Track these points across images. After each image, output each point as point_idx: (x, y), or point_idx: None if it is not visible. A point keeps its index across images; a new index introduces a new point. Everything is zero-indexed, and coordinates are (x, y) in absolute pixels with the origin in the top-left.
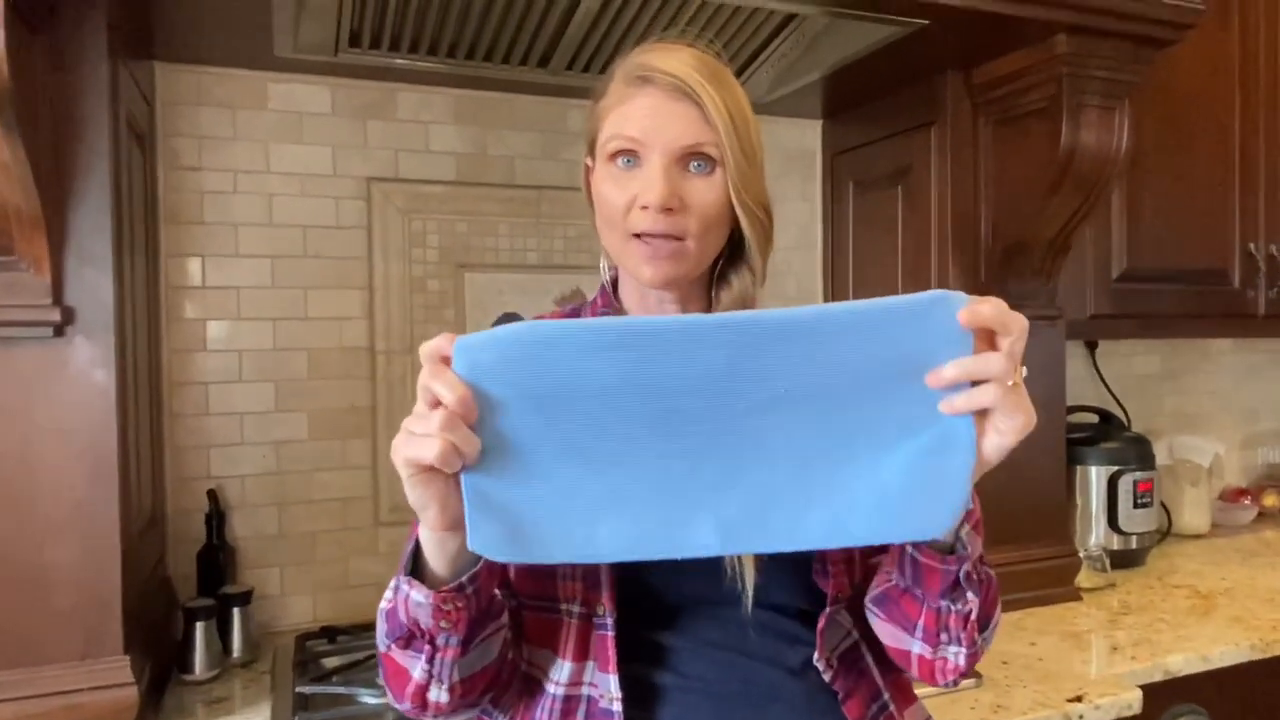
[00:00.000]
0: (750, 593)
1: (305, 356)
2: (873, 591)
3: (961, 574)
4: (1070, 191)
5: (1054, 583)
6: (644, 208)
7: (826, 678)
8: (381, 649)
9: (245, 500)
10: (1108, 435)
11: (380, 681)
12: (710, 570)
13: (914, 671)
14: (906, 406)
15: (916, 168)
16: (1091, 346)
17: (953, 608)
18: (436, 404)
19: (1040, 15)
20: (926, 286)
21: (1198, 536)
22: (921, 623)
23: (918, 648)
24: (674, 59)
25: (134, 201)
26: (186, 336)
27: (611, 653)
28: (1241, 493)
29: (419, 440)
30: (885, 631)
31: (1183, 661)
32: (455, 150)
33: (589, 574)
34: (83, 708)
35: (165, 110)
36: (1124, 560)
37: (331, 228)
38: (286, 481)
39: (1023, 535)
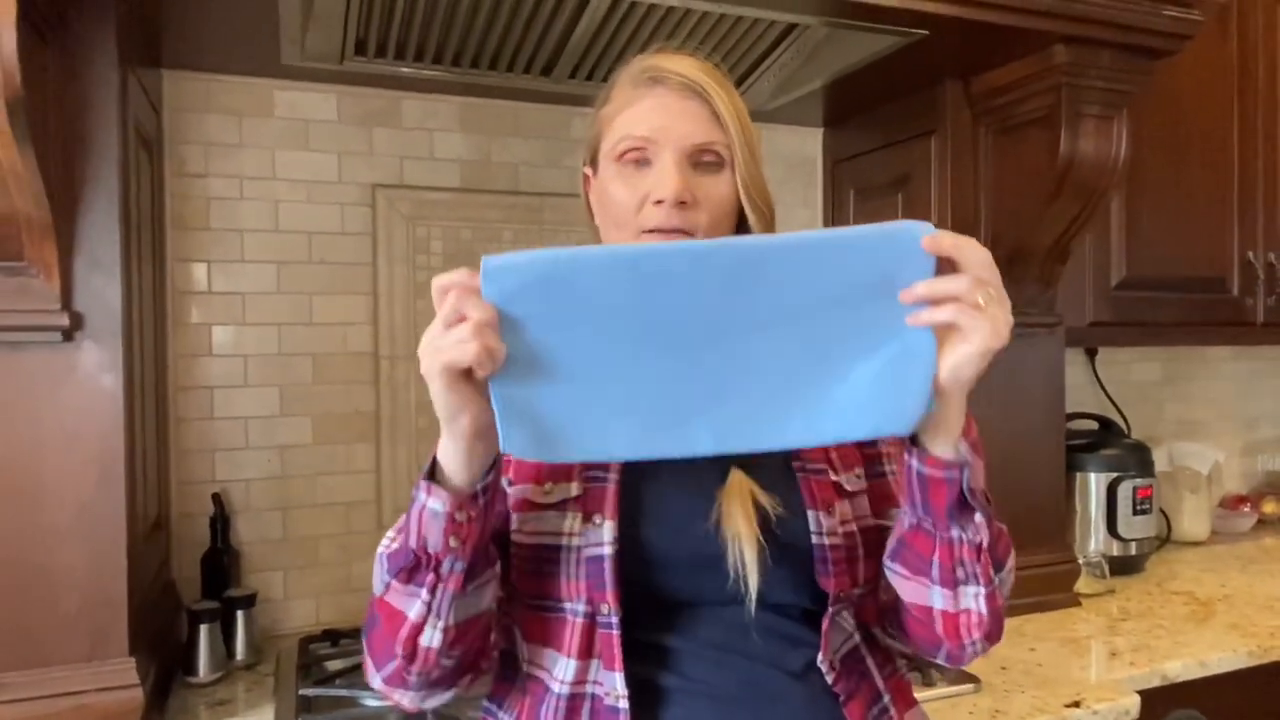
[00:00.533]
0: (754, 593)
1: (310, 361)
2: (889, 546)
3: (965, 484)
4: (1069, 200)
5: (1053, 589)
6: (658, 202)
7: (829, 679)
8: (378, 593)
9: (249, 504)
10: (1107, 442)
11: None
12: (713, 570)
13: (940, 631)
14: (875, 323)
15: (916, 176)
16: (1091, 354)
17: (964, 536)
18: (461, 320)
19: (1039, 26)
20: None
21: (1197, 543)
22: (936, 559)
23: (939, 600)
24: (681, 62)
25: (142, 208)
26: (192, 341)
27: (617, 651)
28: (1241, 500)
29: (455, 346)
30: (907, 589)
31: (1181, 667)
32: (460, 157)
33: (593, 573)
34: (89, 708)
35: (173, 117)
36: (1123, 567)
37: (337, 234)
38: (290, 486)
39: (1022, 541)
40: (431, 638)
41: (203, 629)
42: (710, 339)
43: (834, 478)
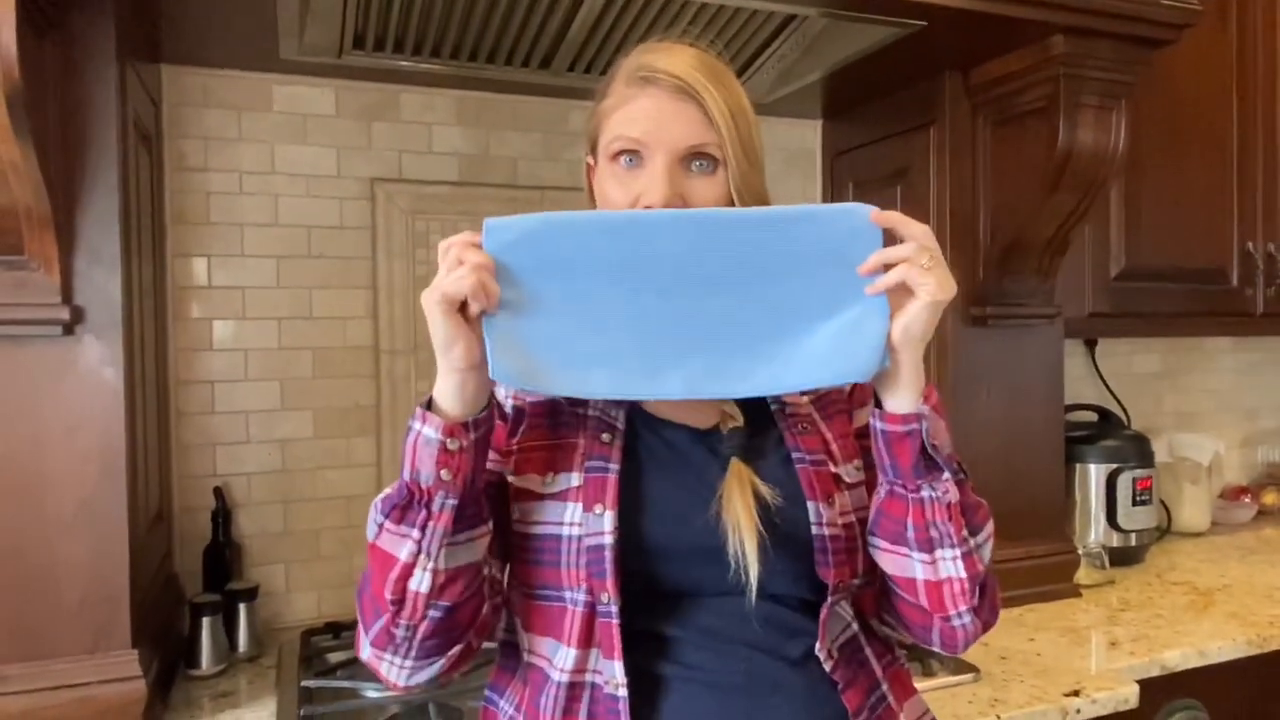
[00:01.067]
0: (754, 584)
1: (310, 356)
2: (869, 520)
3: (925, 439)
4: (1068, 191)
5: (1053, 580)
6: (647, 207)
7: (827, 668)
8: (371, 538)
9: (251, 498)
10: (1107, 433)
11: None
12: (713, 561)
13: (925, 602)
14: (831, 290)
15: (915, 168)
16: (1090, 345)
17: (934, 495)
18: (461, 265)
19: (1037, 16)
20: None
21: (1197, 534)
22: (909, 521)
23: (920, 570)
24: (676, 59)
25: (141, 202)
26: (193, 336)
27: (616, 640)
28: (1241, 491)
29: (454, 280)
30: (889, 562)
31: (1180, 657)
32: (458, 151)
33: (593, 561)
34: (93, 700)
35: (171, 112)
36: (1123, 558)
37: (336, 228)
38: (292, 479)
39: (1022, 533)
40: (421, 580)
41: (205, 622)
42: (683, 296)
43: (834, 469)
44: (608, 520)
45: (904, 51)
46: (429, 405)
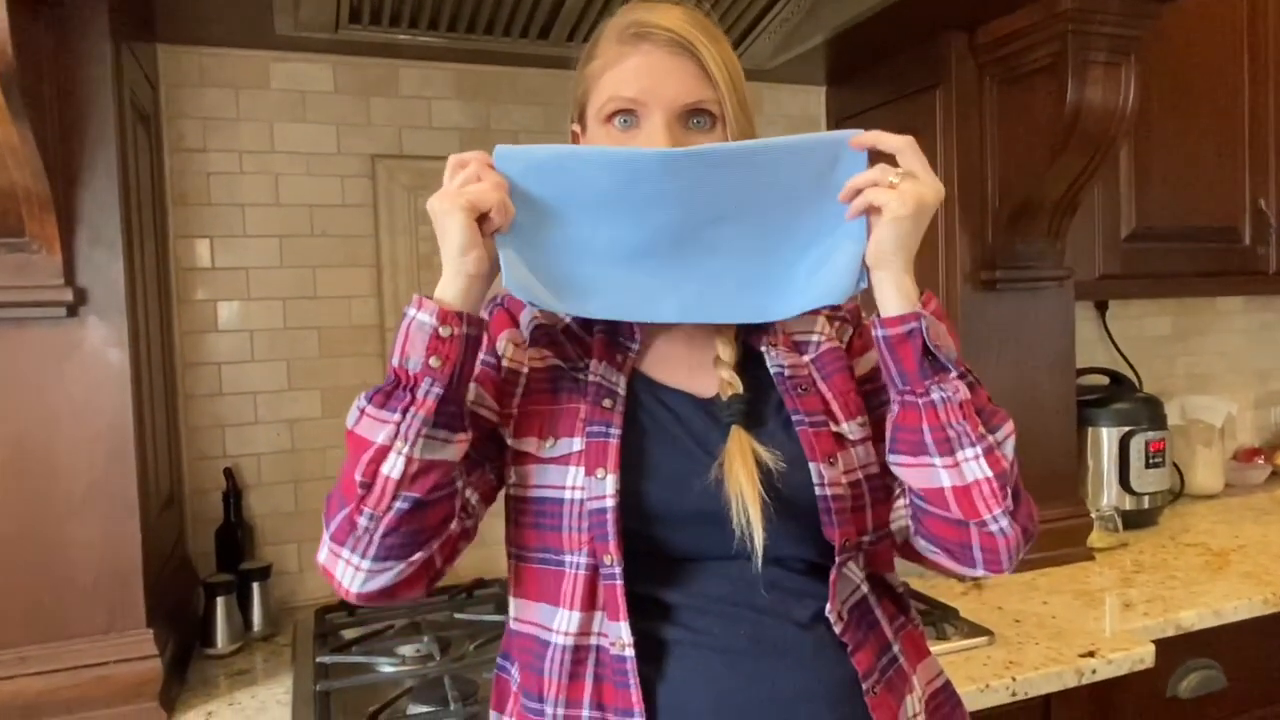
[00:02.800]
0: (760, 548)
1: (316, 335)
2: (887, 440)
3: (924, 336)
4: (1077, 150)
5: (1066, 543)
6: None
7: (837, 630)
8: (350, 425)
9: (261, 478)
10: (1119, 396)
11: (409, 649)
12: (716, 526)
13: (957, 511)
14: (821, 217)
15: (922, 131)
16: (1102, 308)
17: (944, 396)
18: (479, 180)
19: None
20: (934, 248)
21: (1211, 496)
22: (925, 426)
23: (945, 476)
24: (668, 15)
25: (141, 183)
26: (197, 318)
27: (621, 601)
28: (1255, 452)
29: (480, 192)
30: (913, 476)
31: (1195, 617)
32: (459, 125)
33: (595, 525)
34: (111, 679)
35: (169, 92)
36: (1136, 520)
37: (338, 206)
38: (301, 459)
39: (1035, 496)
40: (394, 465)
41: (219, 601)
42: (678, 227)
43: (834, 429)
44: (610, 484)
45: (907, 11)
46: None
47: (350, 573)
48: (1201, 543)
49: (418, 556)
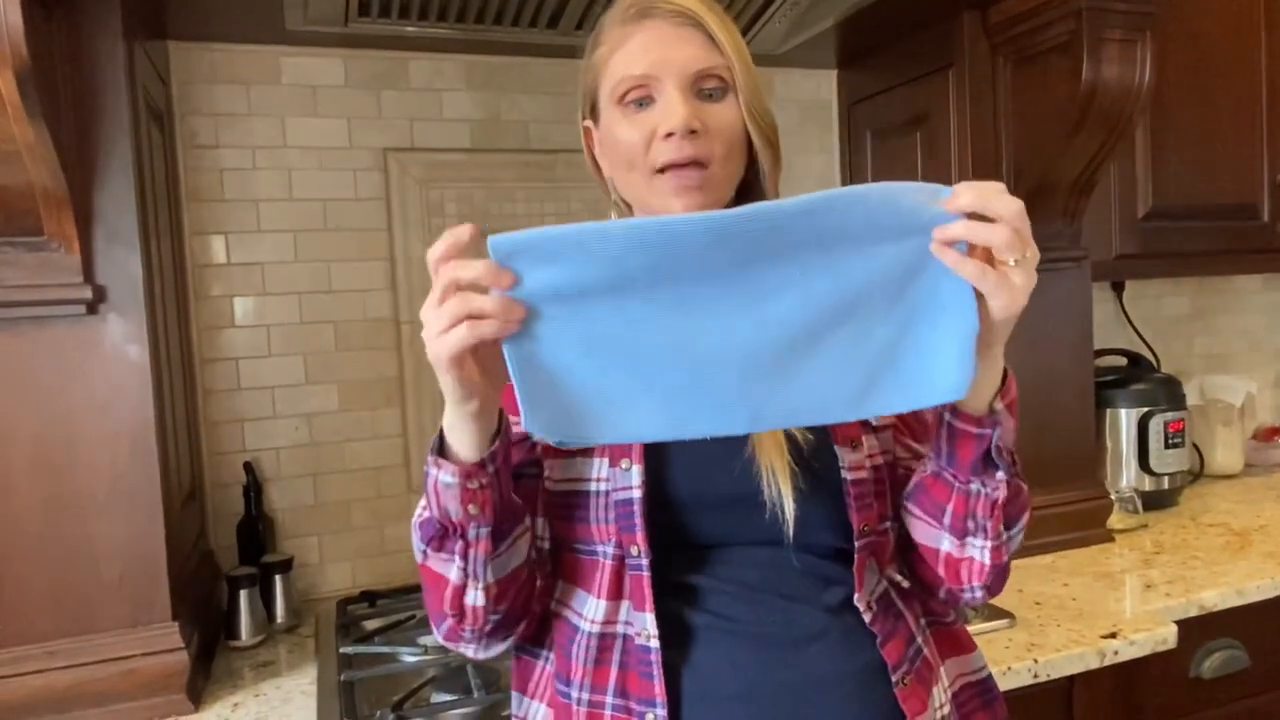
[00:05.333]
0: (791, 524)
1: (332, 329)
2: (910, 486)
3: (994, 443)
4: (1093, 129)
5: (1086, 525)
6: (668, 135)
7: (866, 619)
8: (419, 560)
9: (281, 472)
10: (1137, 377)
11: (431, 639)
12: (746, 509)
13: (941, 572)
14: (912, 285)
15: (935, 113)
16: (1119, 289)
17: (983, 491)
18: (456, 288)
19: None
20: None
21: (1231, 476)
22: (950, 507)
23: (946, 543)
24: None
25: (156, 180)
26: (214, 314)
27: (648, 592)
28: (1275, 431)
29: (462, 335)
30: (919, 528)
31: (1218, 597)
32: (469, 117)
33: (622, 516)
34: (138, 672)
35: (181, 89)
36: (1156, 501)
37: (350, 200)
38: (320, 452)
39: (1053, 479)
40: (475, 597)
41: (242, 594)
42: (734, 307)
43: None
44: (635, 474)
45: None
46: (440, 447)
47: (471, 650)
48: (1222, 523)
49: (522, 625)
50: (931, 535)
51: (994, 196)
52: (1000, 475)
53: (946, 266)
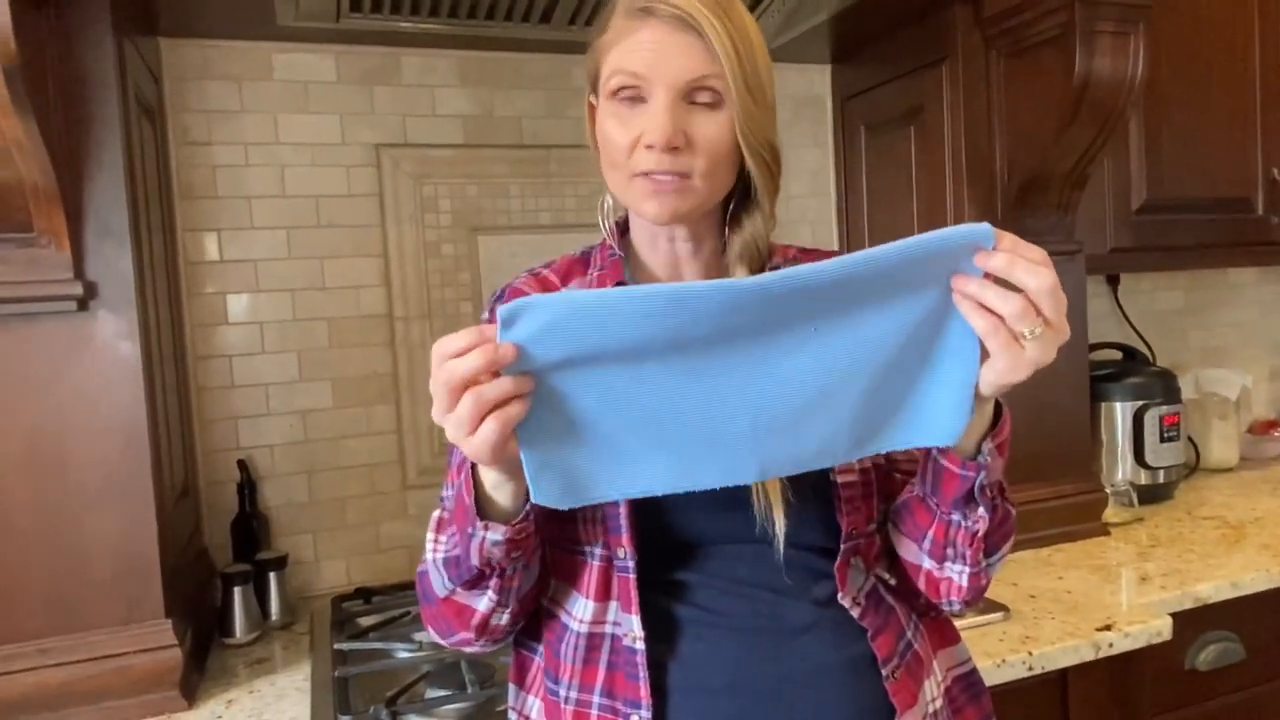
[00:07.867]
0: (781, 534)
1: (325, 326)
2: (896, 502)
3: (978, 484)
4: (1086, 122)
5: (1081, 519)
6: (649, 146)
7: (855, 614)
8: (442, 595)
9: (275, 469)
10: (1132, 371)
11: (426, 635)
12: (734, 511)
13: (921, 586)
14: (923, 339)
15: (928, 107)
16: (1113, 283)
17: (963, 523)
18: (474, 380)
19: None
20: (942, 225)
21: (1226, 470)
22: (931, 534)
23: (926, 563)
24: None
25: (148, 177)
26: (207, 311)
27: (634, 594)
28: (1270, 425)
29: (505, 410)
30: (902, 545)
31: (1213, 589)
32: (462, 113)
33: (609, 518)
34: (131, 670)
35: (172, 86)
36: (1151, 495)
37: (343, 196)
38: (314, 449)
39: (1048, 473)
40: (501, 618)
41: (236, 591)
42: (747, 369)
43: None
44: None
45: None
46: (479, 508)
47: (473, 651)
48: (1218, 516)
49: (522, 623)
50: (913, 553)
51: (1023, 267)
52: (981, 510)
53: (959, 311)
